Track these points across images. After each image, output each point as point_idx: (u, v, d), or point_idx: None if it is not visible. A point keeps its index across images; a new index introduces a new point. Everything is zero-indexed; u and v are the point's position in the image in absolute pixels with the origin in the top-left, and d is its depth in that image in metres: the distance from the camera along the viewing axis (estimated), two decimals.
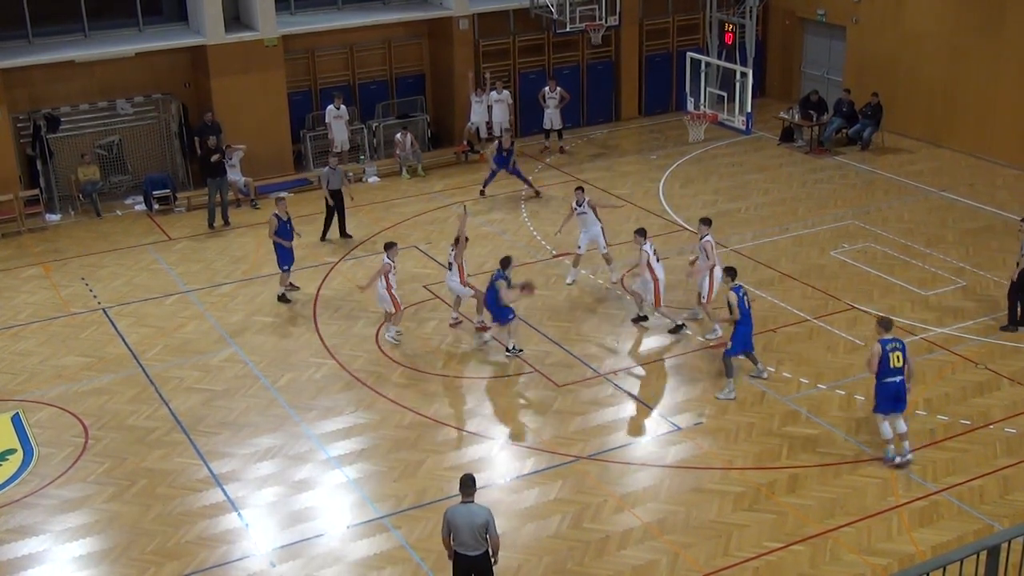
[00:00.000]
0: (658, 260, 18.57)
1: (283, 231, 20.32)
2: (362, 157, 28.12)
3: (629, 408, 16.74)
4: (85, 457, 15.78)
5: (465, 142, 28.52)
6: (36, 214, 25.02)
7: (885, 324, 14.79)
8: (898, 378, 14.56)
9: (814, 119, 28.32)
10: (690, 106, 25.18)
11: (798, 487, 14.59)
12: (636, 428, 16.24)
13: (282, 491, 14.88)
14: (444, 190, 26.40)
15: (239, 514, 14.43)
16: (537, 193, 25.29)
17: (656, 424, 16.26)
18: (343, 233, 23.54)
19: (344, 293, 20.78)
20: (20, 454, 15.92)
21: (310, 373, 17.95)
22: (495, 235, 23.32)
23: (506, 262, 18.10)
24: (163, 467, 15.50)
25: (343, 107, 27.05)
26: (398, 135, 27.54)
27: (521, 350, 18.16)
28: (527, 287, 18.17)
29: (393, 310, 18.61)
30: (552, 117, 28.49)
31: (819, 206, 24.49)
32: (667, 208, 24.53)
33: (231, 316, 20.05)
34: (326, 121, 27.16)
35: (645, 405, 16.78)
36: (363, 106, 28.87)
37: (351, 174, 24.35)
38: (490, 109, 28.21)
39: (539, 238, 23.04)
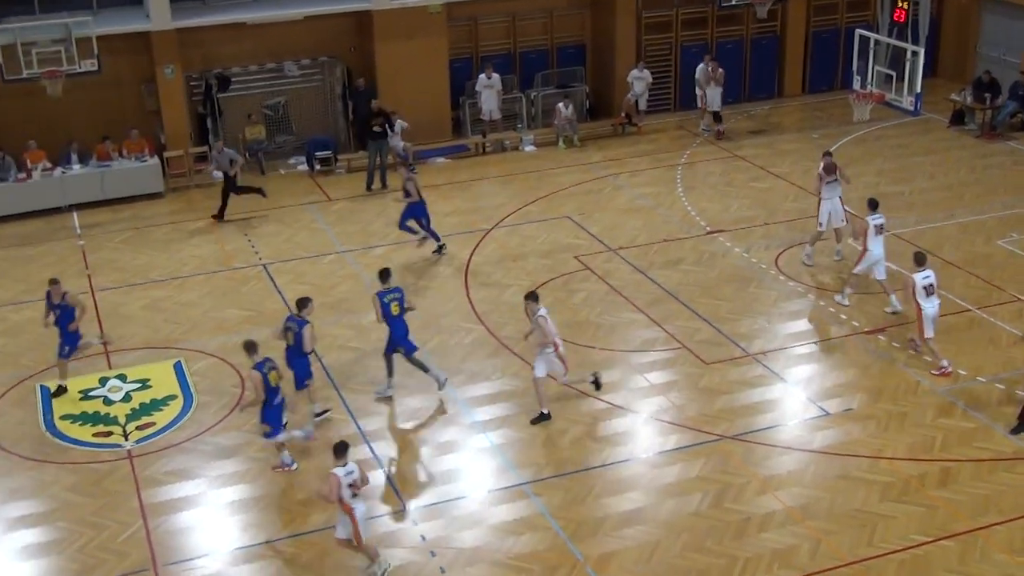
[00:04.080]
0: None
1: (61, 318, 16.71)
2: (519, 126, 28.23)
3: (777, 390, 16.47)
4: (240, 407, 16.31)
5: (623, 114, 28.34)
6: (204, 170, 25.92)
7: (252, 346, 14.63)
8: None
9: (987, 102, 27.24)
10: (856, 84, 24.50)
11: (950, 481, 14.15)
12: (783, 411, 15.98)
13: (426, 452, 15.15)
14: (600, 161, 26.32)
15: (382, 471, 14.74)
16: None
17: (804, 408, 15.97)
18: (220, 215, 23.48)
19: (495, 260, 20.94)
20: (180, 400, 16.57)
21: (459, 337, 18.17)
22: (649, 209, 23.16)
23: (304, 302, 15.84)
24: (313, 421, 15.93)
25: (495, 76, 27.15)
26: (560, 105, 27.51)
27: (327, 410, 16.09)
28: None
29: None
30: (713, 97, 27.75)
31: (988, 192, 23.58)
32: None
33: None
34: (476, 90, 27.32)
35: (794, 388, 16.49)
36: (523, 75, 28.93)
37: (242, 157, 23.93)
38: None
39: (694, 214, 22.79)
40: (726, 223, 22.22)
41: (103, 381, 17.21)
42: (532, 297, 15.62)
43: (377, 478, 14.59)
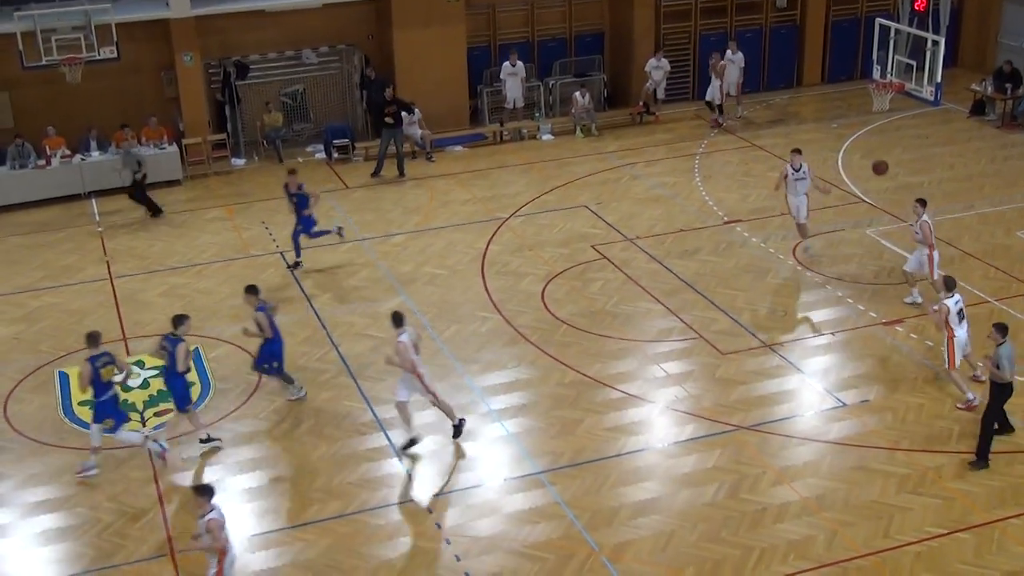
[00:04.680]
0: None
1: None
2: (537, 114, 28.20)
3: (794, 380, 16.43)
4: (258, 395, 16.39)
5: (641, 103, 28.27)
6: (223, 158, 26.00)
7: (93, 338, 14.44)
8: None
9: (1008, 92, 27.06)
10: (876, 74, 24.37)
11: (967, 473, 14.10)
12: (800, 401, 15.95)
13: (443, 440, 15.16)
14: (618, 150, 26.27)
15: (400, 460, 14.77)
16: None
17: (821, 399, 15.93)
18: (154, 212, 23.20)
19: (512, 249, 20.94)
20: (198, 387, 16.63)
21: (475, 326, 18.18)
22: (667, 198, 23.12)
23: (180, 319, 14.93)
24: (330, 409, 15.98)
25: (519, 64, 27.16)
26: (576, 93, 27.46)
27: (217, 439, 15.27)
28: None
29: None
30: (712, 88, 27.41)
31: (1008, 184, 23.43)
32: (845, 179, 23.86)
33: (402, 266, 20.46)
34: (501, 78, 27.34)
35: (811, 379, 16.45)
36: (541, 63, 28.89)
37: (135, 157, 23.18)
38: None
39: (711, 203, 22.74)
40: (744, 213, 22.16)
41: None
42: (396, 320, 14.71)
43: (394, 467, 14.64)
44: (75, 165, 24.26)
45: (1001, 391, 14.13)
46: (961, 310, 15.58)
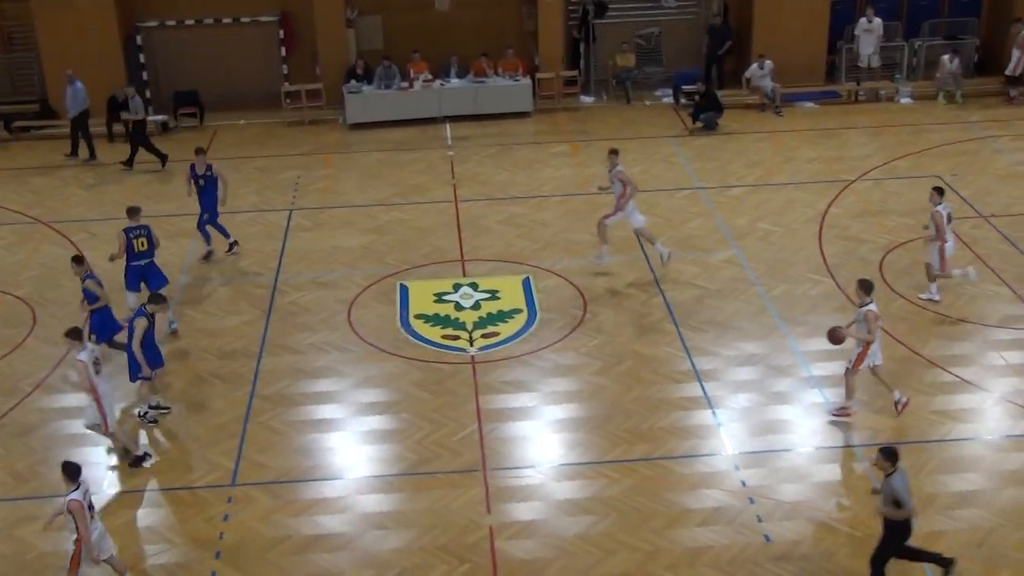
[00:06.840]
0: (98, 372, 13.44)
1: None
2: (897, 76, 26.93)
3: None
4: (580, 329, 16.73)
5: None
6: (572, 94, 26.51)
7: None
8: None
9: None
10: None
11: None
12: None
13: (758, 399, 14.97)
14: (981, 121, 24.71)
15: (713, 412, 14.71)
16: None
17: None
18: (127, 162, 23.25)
19: (854, 214, 20.22)
20: (524, 315, 17.18)
21: (805, 288, 17.75)
22: None
23: (157, 298, 14.64)
24: (649, 352, 16.10)
25: (876, 20, 26.00)
26: (944, 57, 25.98)
27: (167, 408, 14.82)
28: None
29: None
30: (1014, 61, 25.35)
31: None
32: None
33: (737, 219, 20.20)
34: (855, 33, 26.29)
35: None
36: (908, 22, 27.50)
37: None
38: None
39: None
40: None
41: (456, 287, 18.11)
42: (73, 335, 13.37)
43: (706, 418, 14.60)
44: (434, 90, 25.42)
45: (897, 531, 11.31)
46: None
